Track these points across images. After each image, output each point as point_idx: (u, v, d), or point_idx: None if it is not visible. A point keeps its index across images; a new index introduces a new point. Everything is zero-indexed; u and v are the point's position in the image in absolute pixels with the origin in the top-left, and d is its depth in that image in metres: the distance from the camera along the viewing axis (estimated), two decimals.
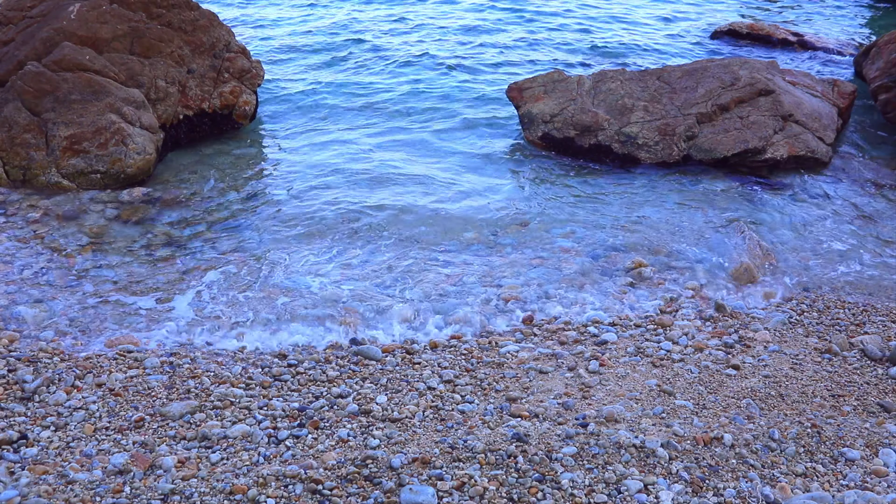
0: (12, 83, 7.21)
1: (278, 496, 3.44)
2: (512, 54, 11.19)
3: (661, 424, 4.02)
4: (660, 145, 7.71)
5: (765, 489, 3.51)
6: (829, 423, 4.08)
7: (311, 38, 11.80)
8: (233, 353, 4.84)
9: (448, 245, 6.23)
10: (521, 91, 8.49)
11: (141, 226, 6.39)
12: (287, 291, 5.53)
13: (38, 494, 3.38)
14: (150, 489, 3.46)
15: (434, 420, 4.10)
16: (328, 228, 6.44)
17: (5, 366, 4.43)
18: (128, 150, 7.02)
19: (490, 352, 4.85)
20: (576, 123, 7.98)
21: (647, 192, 7.17)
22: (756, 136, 7.59)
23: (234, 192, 7.06)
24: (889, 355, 4.77)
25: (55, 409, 4.11)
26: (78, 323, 5.09)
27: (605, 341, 4.96)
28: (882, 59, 8.73)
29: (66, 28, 7.57)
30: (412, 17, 13.05)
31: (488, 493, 3.43)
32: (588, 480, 3.54)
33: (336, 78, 10.14)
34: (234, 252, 6.06)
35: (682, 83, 8.23)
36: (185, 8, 8.23)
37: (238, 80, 8.32)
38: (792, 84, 8.47)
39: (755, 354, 4.81)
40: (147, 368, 4.57)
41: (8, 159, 6.90)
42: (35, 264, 5.74)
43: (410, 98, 9.47)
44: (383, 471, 3.60)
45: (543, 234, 6.41)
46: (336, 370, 4.62)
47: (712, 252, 6.16)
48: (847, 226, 6.63)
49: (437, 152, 7.99)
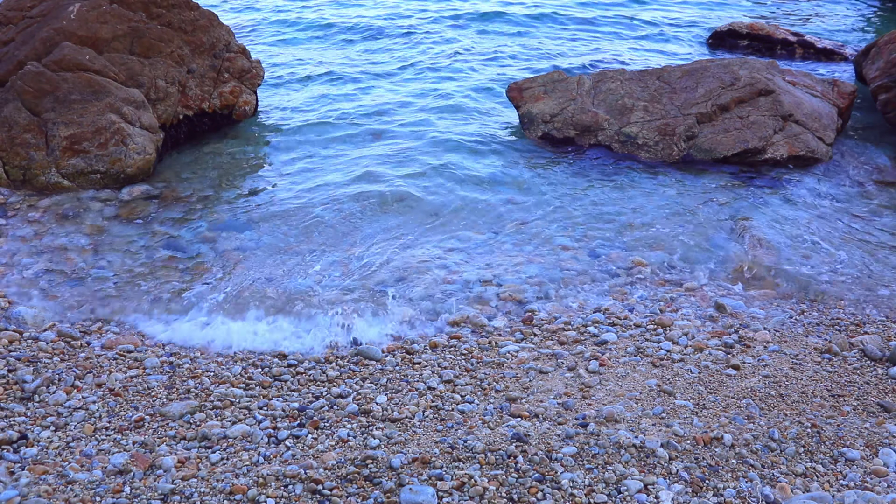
0: (12, 83, 7.21)
1: (278, 496, 3.44)
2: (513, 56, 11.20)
3: (661, 424, 4.02)
4: (660, 145, 7.71)
5: (765, 489, 3.51)
6: (829, 423, 4.08)
7: (310, 35, 11.81)
8: (233, 352, 4.84)
9: (448, 244, 6.23)
10: (520, 91, 8.49)
11: (141, 225, 6.39)
12: (287, 291, 5.53)
13: (38, 494, 3.38)
14: (150, 489, 3.46)
15: (434, 420, 4.10)
16: (328, 228, 6.44)
17: (5, 366, 4.43)
18: (128, 150, 7.02)
19: (490, 352, 4.85)
20: (576, 123, 7.98)
21: (647, 191, 7.17)
22: (756, 136, 7.60)
23: (234, 192, 7.06)
24: (889, 355, 4.77)
25: (55, 409, 4.11)
26: (78, 323, 5.09)
27: (605, 341, 4.96)
28: (882, 59, 8.73)
29: (66, 28, 7.57)
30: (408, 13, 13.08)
31: (488, 493, 3.43)
32: (588, 480, 3.54)
33: (336, 77, 10.15)
34: (234, 251, 6.06)
35: (682, 83, 8.23)
36: (185, 8, 8.23)
37: (238, 79, 8.32)
38: (792, 84, 8.47)
39: (755, 354, 4.81)
40: (147, 368, 4.58)
41: (8, 159, 6.90)
42: (35, 264, 5.74)
43: (412, 96, 9.47)
44: (383, 471, 3.60)
45: (543, 233, 6.41)
46: (336, 370, 4.62)
47: (712, 251, 6.16)
48: (847, 225, 6.63)
49: (437, 151, 7.99)
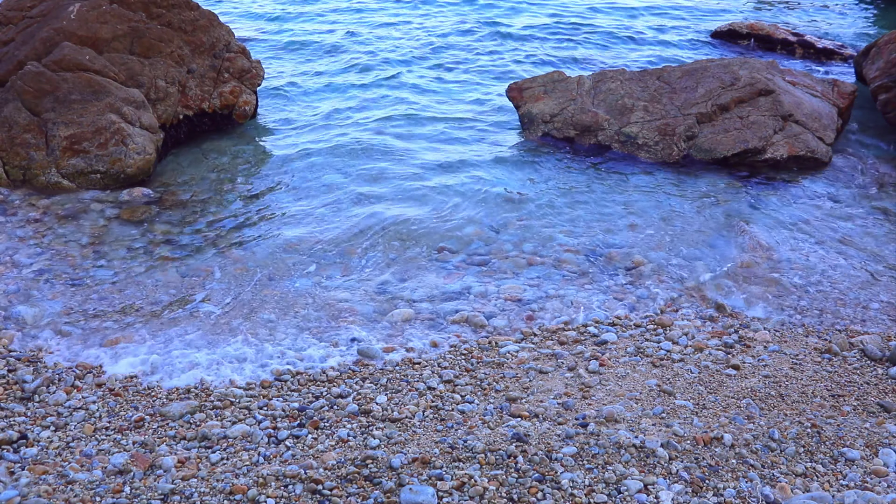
0: (12, 83, 7.21)
1: (278, 496, 3.44)
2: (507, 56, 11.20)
3: (661, 424, 4.02)
4: (660, 145, 7.71)
5: (765, 489, 3.51)
6: (829, 423, 4.08)
7: (310, 37, 11.81)
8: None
9: (448, 244, 6.23)
10: (520, 91, 8.49)
11: (141, 225, 6.39)
12: (287, 291, 5.53)
13: (38, 494, 3.38)
14: (150, 489, 3.46)
15: (434, 420, 4.10)
16: (328, 228, 6.44)
17: (5, 366, 4.43)
18: (128, 150, 7.02)
19: (490, 352, 4.85)
20: (576, 123, 7.98)
21: (647, 191, 7.17)
22: (756, 136, 7.60)
23: (234, 192, 7.06)
24: (889, 355, 4.77)
25: (55, 409, 4.11)
26: (78, 323, 5.09)
27: (605, 341, 4.96)
28: (882, 59, 8.73)
29: (66, 28, 7.57)
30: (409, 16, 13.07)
31: (488, 493, 3.44)
32: (588, 480, 3.54)
33: (336, 77, 10.15)
34: (233, 251, 6.06)
35: (682, 83, 8.23)
36: (185, 8, 8.23)
37: (238, 79, 8.32)
38: (792, 84, 8.47)
39: (755, 354, 4.81)
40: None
41: (8, 159, 6.90)
42: (35, 264, 5.74)
43: (411, 96, 9.47)
44: (383, 471, 3.60)
45: (543, 233, 6.41)
46: (336, 370, 4.62)
47: (712, 251, 6.16)
48: (847, 225, 6.63)
49: (437, 151, 7.99)
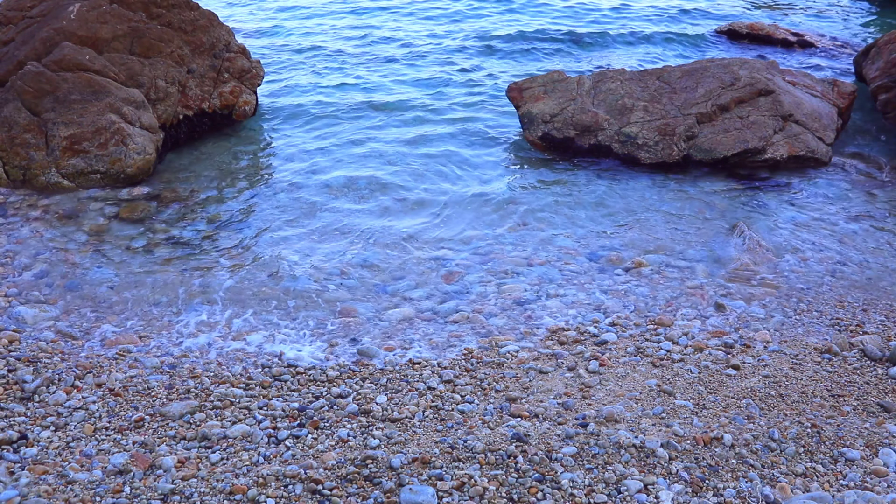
0: (12, 83, 7.21)
1: (278, 496, 3.44)
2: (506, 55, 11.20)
3: (661, 424, 4.02)
4: (660, 145, 7.71)
5: (765, 489, 3.51)
6: (829, 423, 4.08)
7: (311, 39, 11.81)
8: (232, 352, 4.84)
9: (448, 244, 6.23)
10: (520, 91, 8.49)
11: (141, 225, 6.39)
12: (287, 291, 5.53)
13: (38, 494, 3.38)
14: (150, 489, 3.46)
15: (434, 420, 4.10)
16: (328, 227, 6.44)
17: (5, 366, 4.43)
18: (128, 150, 7.02)
19: (490, 352, 4.85)
20: (576, 123, 7.98)
21: (647, 191, 7.17)
22: (756, 136, 7.59)
23: (234, 192, 7.06)
24: (889, 355, 4.77)
25: (55, 409, 4.11)
26: (78, 323, 5.09)
27: (605, 341, 4.96)
28: (882, 59, 8.73)
29: (66, 28, 7.57)
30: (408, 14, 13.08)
31: (488, 493, 3.43)
32: (588, 480, 3.54)
33: (336, 77, 10.14)
34: (233, 250, 6.06)
35: (682, 83, 8.22)
36: (185, 8, 8.23)
37: (238, 80, 8.32)
38: (792, 84, 8.47)
39: (755, 354, 4.81)
40: (147, 368, 4.57)
41: (8, 159, 6.90)
42: (35, 264, 5.74)
43: (411, 97, 9.47)
44: (383, 471, 3.60)
45: (543, 233, 6.41)
46: (336, 370, 4.62)
47: (712, 251, 6.16)
48: (847, 225, 6.63)
49: (437, 151, 7.99)
